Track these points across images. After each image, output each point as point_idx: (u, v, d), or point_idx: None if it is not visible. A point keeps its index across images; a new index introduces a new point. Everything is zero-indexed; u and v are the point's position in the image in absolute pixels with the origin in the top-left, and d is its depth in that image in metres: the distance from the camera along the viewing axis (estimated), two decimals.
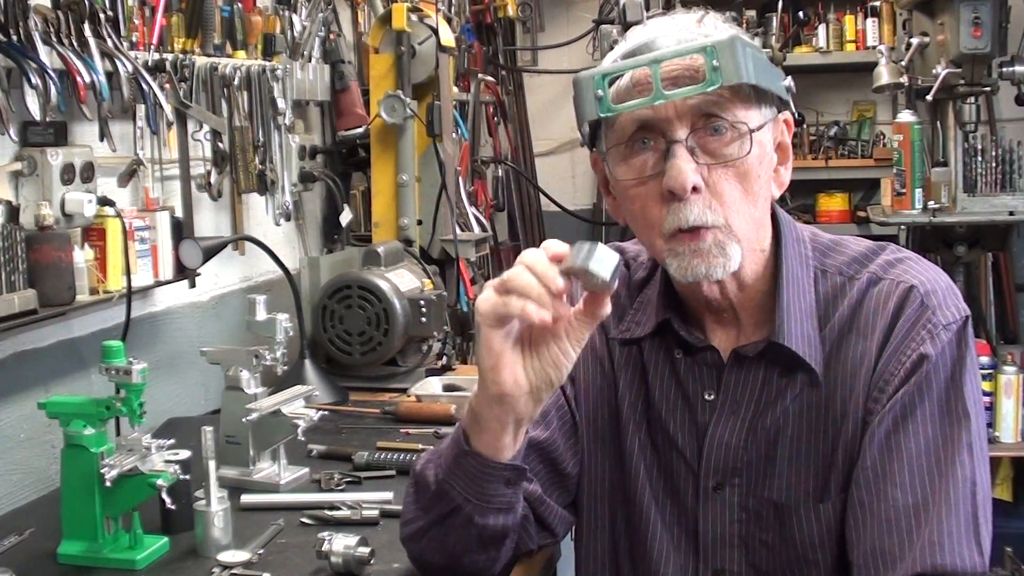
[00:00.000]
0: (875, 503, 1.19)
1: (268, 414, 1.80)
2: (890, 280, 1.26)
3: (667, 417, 1.34)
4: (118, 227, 2.02)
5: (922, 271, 1.27)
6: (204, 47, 2.35)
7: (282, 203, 2.65)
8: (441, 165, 2.75)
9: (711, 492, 1.31)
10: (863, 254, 1.30)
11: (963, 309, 1.25)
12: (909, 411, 1.20)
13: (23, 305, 1.80)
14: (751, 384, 1.29)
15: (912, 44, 3.71)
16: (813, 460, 1.27)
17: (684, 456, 1.33)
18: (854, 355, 1.25)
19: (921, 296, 1.23)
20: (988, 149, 3.64)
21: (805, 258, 1.30)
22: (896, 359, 1.22)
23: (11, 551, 1.61)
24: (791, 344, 1.25)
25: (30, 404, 1.77)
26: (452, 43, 2.95)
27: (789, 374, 1.27)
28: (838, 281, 1.28)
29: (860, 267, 1.29)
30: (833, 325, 1.27)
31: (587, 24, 4.62)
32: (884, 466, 1.20)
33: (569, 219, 4.46)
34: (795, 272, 1.28)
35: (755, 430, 1.29)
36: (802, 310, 1.26)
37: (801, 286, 1.27)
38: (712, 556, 1.32)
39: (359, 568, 1.45)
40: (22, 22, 1.77)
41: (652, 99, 1.17)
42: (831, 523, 1.26)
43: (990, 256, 4.03)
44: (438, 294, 2.51)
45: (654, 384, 1.35)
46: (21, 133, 1.87)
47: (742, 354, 1.29)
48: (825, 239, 1.34)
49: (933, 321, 1.22)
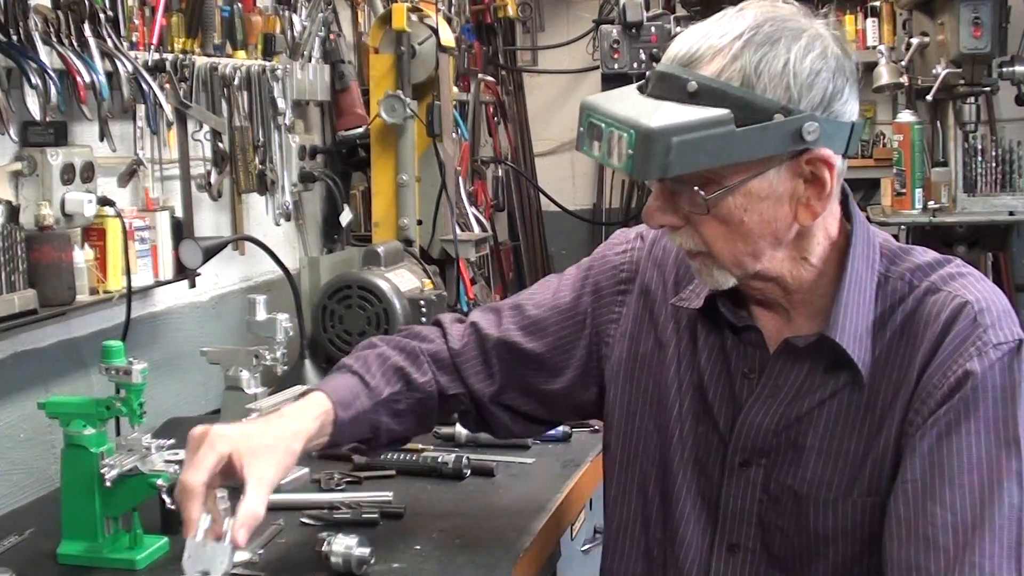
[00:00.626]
0: (915, 518, 1.18)
1: None
2: (947, 292, 1.25)
3: (708, 386, 1.37)
4: (118, 227, 2.02)
5: (981, 289, 1.26)
6: (204, 47, 2.35)
7: (282, 203, 2.65)
8: (441, 165, 2.75)
9: (737, 468, 1.33)
10: (928, 264, 1.30)
11: (1018, 333, 1.23)
12: (954, 427, 1.19)
13: (23, 305, 1.80)
14: (795, 373, 1.30)
15: (912, 44, 3.71)
16: (841, 458, 1.27)
17: (718, 427, 1.35)
18: (901, 363, 1.25)
19: (975, 313, 1.22)
20: (988, 149, 3.64)
21: (872, 262, 1.30)
22: (941, 373, 1.21)
23: (11, 551, 1.61)
24: (842, 341, 1.25)
25: (30, 404, 1.77)
26: (452, 43, 2.95)
27: (834, 370, 1.28)
28: (899, 287, 1.28)
29: (922, 276, 1.28)
30: (887, 331, 1.27)
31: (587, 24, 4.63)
32: (926, 481, 1.19)
33: (569, 219, 4.46)
34: (859, 273, 1.28)
35: (789, 416, 1.30)
36: (859, 311, 1.26)
37: (863, 288, 1.28)
38: (729, 530, 1.34)
39: (359, 568, 1.45)
40: (22, 22, 1.77)
41: (600, 158, 1.20)
42: (848, 522, 1.27)
43: (990, 256, 4.03)
44: (438, 294, 2.50)
45: (701, 352, 1.38)
46: (21, 133, 1.87)
47: (793, 344, 1.29)
48: (894, 245, 1.34)
49: (984, 339, 1.21)
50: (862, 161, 4.70)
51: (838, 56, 1.20)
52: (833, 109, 1.20)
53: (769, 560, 1.32)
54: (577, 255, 1.54)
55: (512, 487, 1.80)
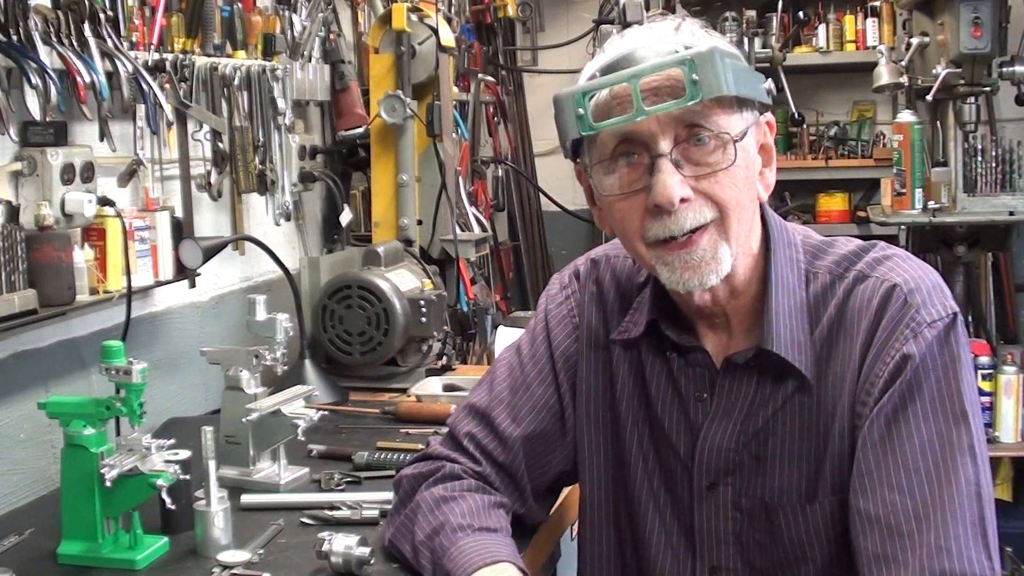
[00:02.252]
0: (873, 508, 1.19)
1: (268, 414, 1.80)
2: (875, 278, 1.25)
3: (663, 415, 1.35)
4: (118, 227, 2.02)
5: (908, 269, 1.26)
6: (204, 47, 2.35)
7: (282, 203, 2.65)
8: (441, 165, 2.75)
9: (705, 491, 1.32)
10: (853, 252, 1.30)
11: (950, 307, 1.23)
12: (900, 412, 1.19)
13: (23, 305, 1.80)
14: (744, 389, 1.30)
15: (912, 44, 3.71)
16: (802, 461, 1.27)
17: (679, 455, 1.34)
18: (842, 357, 1.25)
19: (904, 295, 1.22)
20: (988, 149, 3.64)
21: (796, 261, 1.29)
22: (880, 360, 1.21)
23: (11, 551, 1.61)
24: (780, 351, 1.25)
25: (30, 404, 1.77)
26: (452, 43, 2.95)
27: (781, 378, 1.27)
28: (827, 280, 1.28)
29: (848, 265, 1.28)
30: (823, 327, 1.26)
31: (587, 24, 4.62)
32: (880, 470, 1.19)
33: (569, 219, 4.46)
34: (784, 276, 1.28)
35: (747, 432, 1.29)
36: (791, 315, 1.26)
37: (791, 289, 1.27)
38: (708, 553, 1.33)
39: (359, 568, 1.45)
40: (22, 22, 1.77)
41: (632, 116, 1.17)
42: (819, 523, 1.27)
43: (990, 256, 4.03)
44: (438, 294, 2.51)
45: (651, 382, 1.36)
46: (21, 133, 1.87)
47: (733, 361, 1.29)
48: (816, 240, 1.34)
49: (917, 320, 1.21)
50: (862, 161, 4.70)
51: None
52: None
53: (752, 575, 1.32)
54: (577, 255, 1.53)
55: None
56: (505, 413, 1.44)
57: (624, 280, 1.42)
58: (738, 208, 1.22)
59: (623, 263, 1.43)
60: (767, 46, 4.23)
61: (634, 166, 1.22)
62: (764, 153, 1.27)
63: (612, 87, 1.19)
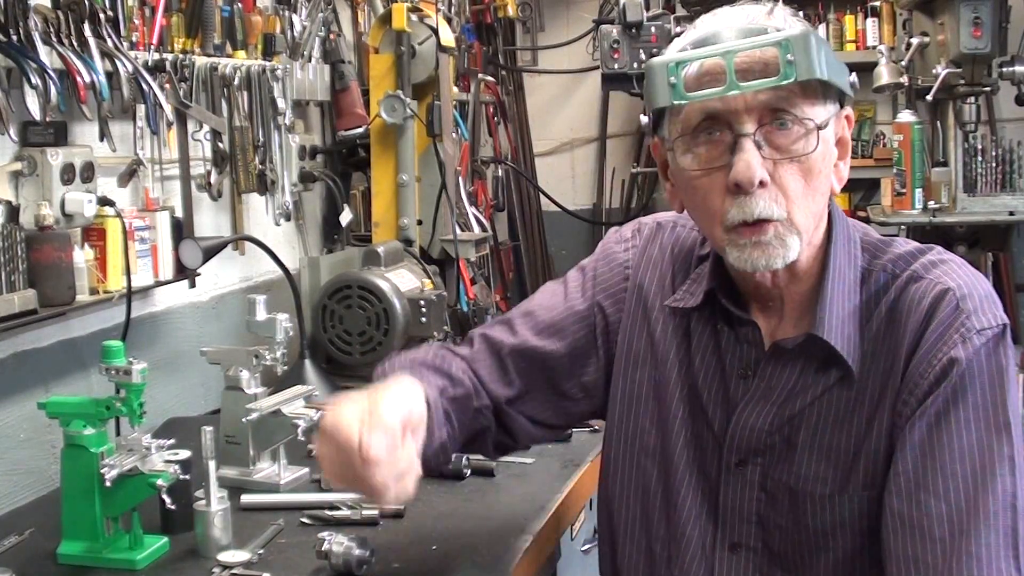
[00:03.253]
0: (910, 511, 1.18)
1: (268, 414, 1.80)
2: (928, 280, 1.25)
3: (703, 387, 1.37)
4: (118, 227, 2.02)
5: (962, 275, 1.26)
6: (204, 47, 2.35)
7: (282, 203, 2.65)
8: (441, 165, 2.75)
9: (734, 467, 1.33)
10: (909, 253, 1.30)
11: (1001, 317, 1.23)
12: (943, 416, 1.19)
13: (23, 305, 1.80)
14: (786, 374, 1.30)
15: (912, 44, 3.71)
16: (834, 452, 1.27)
17: (712, 428, 1.35)
18: (887, 354, 1.25)
19: (957, 300, 1.22)
20: (988, 149, 3.64)
21: (854, 257, 1.30)
22: (926, 362, 1.21)
23: (11, 551, 1.61)
24: (830, 338, 1.25)
25: (30, 404, 1.77)
26: (452, 43, 2.95)
27: (825, 368, 1.28)
28: (881, 278, 1.29)
29: (904, 266, 1.29)
30: (873, 324, 1.27)
31: (587, 24, 4.63)
32: (918, 472, 1.19)
33: (569, 219, 4.46)
34: (842, 269, 1.28)
35: (782, 416, 1.30)
36: (844, 307, 1.27)
37: (847, 283, 1.28)
38: (730, 529, 1.34)
39: (359, 568, 1.45)
40: (22, 22, 1.77)
41: (725, 90, 1.18)
42: (846, 516, 1.27)
43: (990, 256, 4.03)
44: (438, 294, 2.50)
45: (695, 354, 1.38)
46: (21, 133, 1.87)
47: (782, 346, 1.30)
48: (875, 237, 1.35)
49: (967, 325, 1.20)
50: (862, 161, 4.70)
51: None
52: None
53: (771, 558, 1.32)
54: (577, 255, 1.54)
55: (512, 487, 1.80)
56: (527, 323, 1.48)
57: (686, 250, 1.43)
58: (806, 203, 1.23)
59: (688, 233, 1.45)
60: None
61: (715, 143, 1.22)
62: (840, 146, 1.28)
63: (704, 61, 1.20)
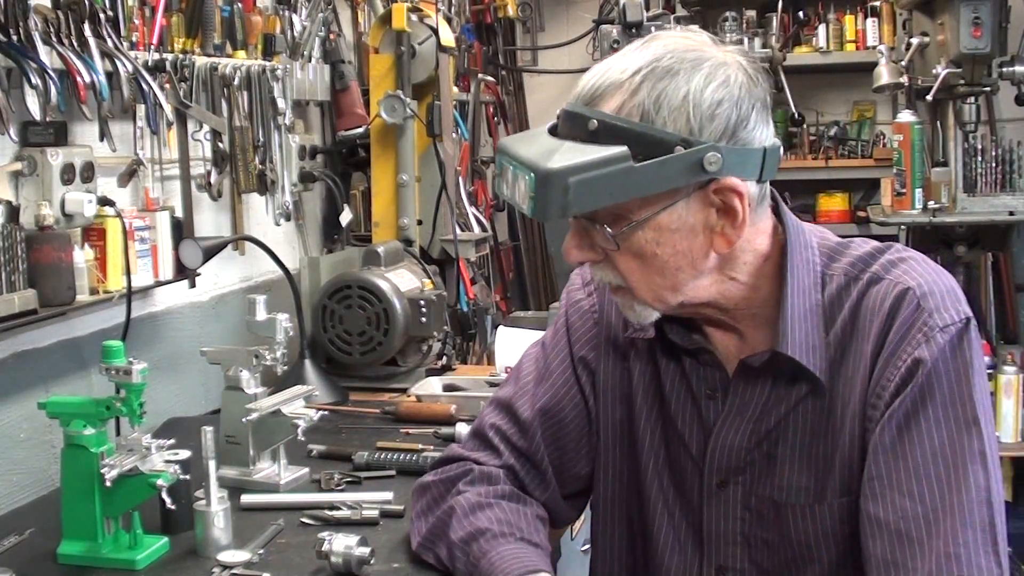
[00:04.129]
0: (884, 513, 1.19)
1: (268, 414, 1.80)
2: (889, 280, 1.24)
3: (676, 412, 1.36)
4: (118, 227, 2.02)
5: (923, 272, 1.25)
6: (204, 47, 2.35)
7: (282, 203, 2.65)
8: (441, 165, 2.75)
9: (715, 489, 1.33)
10: (868, 253, 1.29)
11: (963, 312, 1.22)
12: (912, 417, 1.19)
13: (23, 305, 1.80)
14: (757, 391, 1.30)
15: (912, 44, 3.71)
16: (812, 462, 1.27)
17: (691, 452, 1.35)
18: (853, 359, 1.25)
19: (917, 298, 1.21)
20: (988, 149, 3.64)
21: (811, 264, 1.28)
22: (892, 364, 1.21)
23: (11, 551, 1.61)
24: (794, 354, 1.24)
25: (30, 404, 1.77)
26: (452, 43, 2.95)
27: (795, 380, 1.27)
28: (842, 282, 1.28)
29: (864, 267, 1.28)
30: (836, 330, 1.26)
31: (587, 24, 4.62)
32: (891, 475, 1.19)
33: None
34: (800, 279, 1.27)
35: (759, 431, 1.30)
36: (806, 318, 1.26)
37: (806, 292, 1.27)
38: (716, 553, 1.34)
39: (359, 568, 1.45)
40: (22, 22, 1.77)
41: (509, 198, 1.21)
42: (828, 524, 1.27)
43: (990, 256, 4.02)
44: (438, 294, 2.51)
45: (664, 380, 1.37)
46: (21, 133, 1.87)
47: (748, 364, 1.29)
48: (832, 241, 1.33)
49: (929, 324, 1.20)
50: (862, 161, 4.70)
51: (742, 84, 1.19)
52: (739, 137, 1.18)
53: (759, 575, 1.32)
54: None
55: None
56: (528, 402, 1.45)
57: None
58: (646, 278, 1.23)
59: None
60: (767, 46, 4.23)
61: None
62: (724, 216, 1.21)
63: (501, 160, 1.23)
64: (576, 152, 1.15)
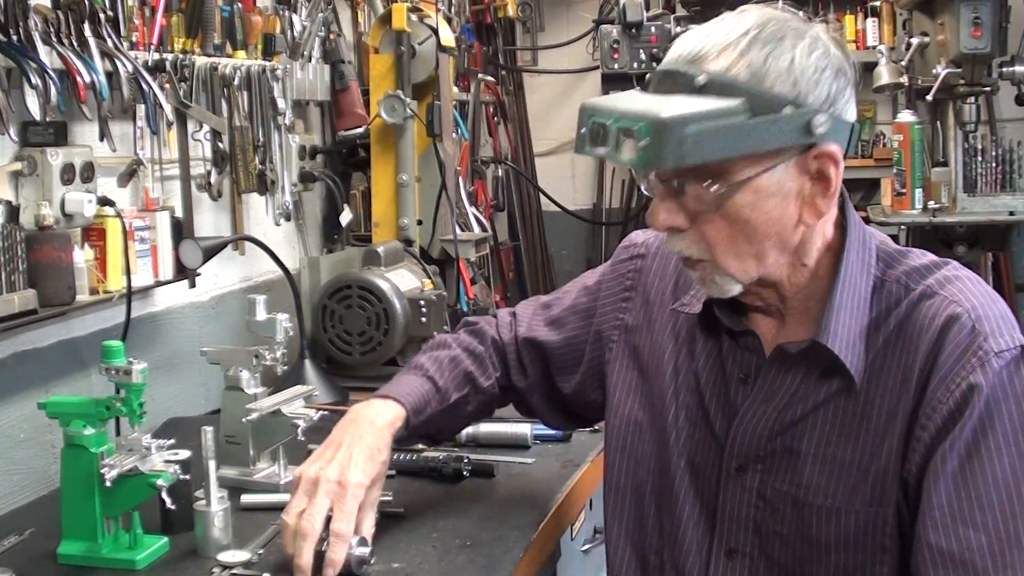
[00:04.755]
0: (949, 545, 1.16)
1: (268, 414, 1.80)
2: (942, 297, 1.23)
3: (704, 391, 1.37)
4: (118, 227, 2.02)
5: (977, 294, 1.24)
6: (204, 47, 2.35)
7: (282, 203, 2.65)
8: (441, 165, 2.75)
9: (733, 472, 1.33)
10: (924, 266, 1.28)
11: (1019, 339, 1.21)
12: (974, 447, 1.17)
13: (23, 305, 1.79)
14: (789, 378, 1.30)
15: (912, 44, 3.71)
16: (840, 465, 1.26)
17: (714, 432, 1.35)
18: (897, 370, 1.24)
19: (972, 322, 1.20)
20: (988, 149, 3.65)
21: (867, 265, 1.28)
22: (944, 386, 1.19)
23: (11, 551, 1.61)
24: (834, 346, 1.24)
25: (30, 404, 1.77)
26: (452, 43, 2.95)
27: (827, 376, 1.27)
28: (894, 290, 1.27)
29: (918, 279, 1.27)
30: (881, 336, 1.25)
31: (587, 24, 4.63)
32: (953, 505, 1.17)
33: (569, 219, 4.46)
34: (853, 276, 1.27)
35: (783, 421, 1.29)
36: (852, 315, 1.25)
37: (858, 291, 1.26)
38: (728, 535, 1.34)
39: (359, 568, 1.45)
40: (22, 22, 1.77)
41: (607, 155, 1.18)
42: (851, 531, 1.26)
43: (990, 256, 4.03)
44: (438, 294, 2.51)
45: (699, 357, 1.38)
46: (21, 133, 1.87)
47: (785, 350, 1.29)
48: (892, 247, 1.32)
49: (984, 348, 1.18)
50: (862, 161, 4.71)
51: (839, 57, 1.21)
52: (838, 107, 1.20)
53: (768, 565, 1.31)
54: (577, 255, 1.57)
55: (512, 487, 1.80)
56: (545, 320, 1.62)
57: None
58: (734, 247, 1.22)
59: None
60: None
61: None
62: (817, 184, 1.22)
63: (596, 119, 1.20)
64: (688, 104, 1.15)
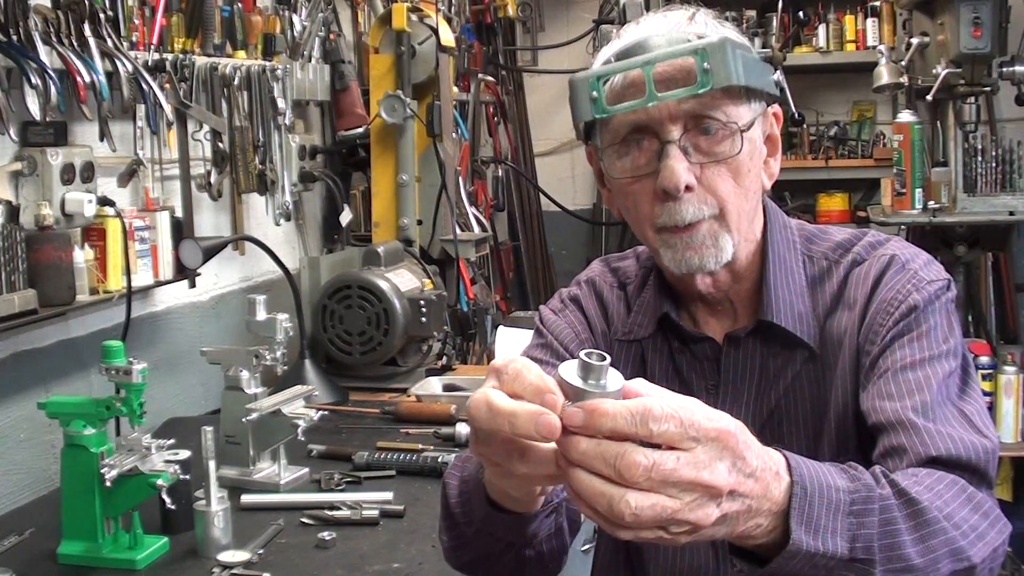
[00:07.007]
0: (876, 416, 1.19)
1: (268, 414, 1.80)
2: (871, 259, 1.29)
3: None
4: (118, 227, 2.02)
5: (903, 246, 1.30)
6: (204, 47, 2.35)
7: (282, 203, 2.65)
8: (441, 165, 2.75)
9: None
10: (847, 239, 1.34)
11: (945, 275, 1.28)
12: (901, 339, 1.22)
13: (23, 305, 1.80)
14: (748, 366, 1.30)
15: (912, 44, 3.71)
16: (807, 431, 1.28)
17: None
18: (839, 327, 1.28)
19: (903, 261, 1.27)
20: (988, 149, 3.64)
21: (792, 243, 1.33)
22: (885, 310, 1.24)
23: (11, 551, 1.61)
24: (780, 321, 1.27)
25: (30, 404, 1.77)
26: (452, 43, 2.95)
27: (786, 352, 1.28)
28: (824, 265, 1.32)
29: (844, 251, 1.32)
30: (823, 301, 1.30)
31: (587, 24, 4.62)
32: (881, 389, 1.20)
33: (569, 219, 4.46)
34: (782, 255, 1.31)
35: (761, 414, 1.30)
36: (791, 290, 1.29)
37: (789, 267, 1.31)
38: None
39: None
40: (22, 22, 1.77)
41: (645, 101, 1.19)
42: None
43: (990, 256, 4.02)
44: (438, 294, 2.51)
45: (660, 380, 1.36)
46: (21, 133, 1.87)
47: (734, 336, 1.30)
48: (810, 228, 1.37)
49: (919, 276, 1.25)
50: (862, 161, 4.70)
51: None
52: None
53: None
54: (577, 255, 1.55)
55: None
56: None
57: (615, 293, 1.44)
58: (738, 201, 1.25)
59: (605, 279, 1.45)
60: (767, 46, 4.22)
61: (644, 151, 1.24)
62: (770, 143, 1.30)
63: (626, 73, 1.22)
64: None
